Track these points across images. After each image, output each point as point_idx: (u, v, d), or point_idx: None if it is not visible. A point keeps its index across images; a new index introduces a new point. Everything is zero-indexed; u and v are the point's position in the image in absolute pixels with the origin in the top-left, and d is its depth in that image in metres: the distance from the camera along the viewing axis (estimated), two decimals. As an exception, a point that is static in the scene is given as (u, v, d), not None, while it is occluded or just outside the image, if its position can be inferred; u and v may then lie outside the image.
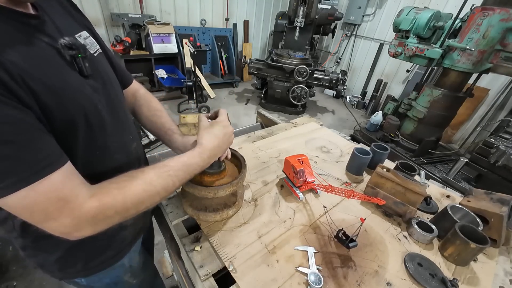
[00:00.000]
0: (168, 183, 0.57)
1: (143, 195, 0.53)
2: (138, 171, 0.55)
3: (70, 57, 0.53)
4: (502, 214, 0.82)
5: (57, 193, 0.44)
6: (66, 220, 0.45)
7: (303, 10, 3.86)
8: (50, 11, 0.56)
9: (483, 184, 2.28)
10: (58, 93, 0.48)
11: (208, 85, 4.56)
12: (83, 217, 0.47)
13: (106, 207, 0.48)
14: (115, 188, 0.51)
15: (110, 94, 0.64)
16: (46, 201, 0.43)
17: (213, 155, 0.68)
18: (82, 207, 0.46)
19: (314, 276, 0.68)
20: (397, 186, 0.91)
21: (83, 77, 0.56)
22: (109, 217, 0.50)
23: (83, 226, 0.47)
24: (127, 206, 0.51)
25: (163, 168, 0.57)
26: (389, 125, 2.92)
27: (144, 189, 0.53)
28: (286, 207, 0.92)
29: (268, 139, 1.36)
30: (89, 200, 0.47)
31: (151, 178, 0.55)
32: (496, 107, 3.59)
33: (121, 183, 0.52)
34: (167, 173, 0.57)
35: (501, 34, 2.04)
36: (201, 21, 4.94)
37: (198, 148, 0.65)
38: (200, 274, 0.67)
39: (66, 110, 0.49)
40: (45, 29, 0.51)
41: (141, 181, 0.53)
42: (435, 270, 0.74)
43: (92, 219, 0.48)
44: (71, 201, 0.45)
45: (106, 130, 0.61)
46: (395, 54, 2.60)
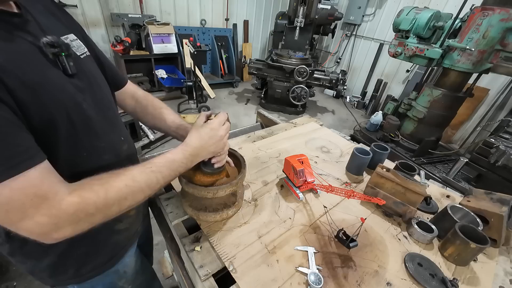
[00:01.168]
0: (152, 179, 0.56)
1: (126, 191, 0.52)
2: (121, 169, 0.54)
3: (52, 55, 0.52)
4: (502, 214, 0.82)
5: (34, 190, 0.42)
6: (44, 219, 0.43)
7: (303, 10, 3.86)
8: (34, 11, 0.55)
9: (483, 184, 2.28)
10: (35, 89, 0.46)
11: (208, 85, 4.55)
12: (62, 214, 0.44)
13: (87, 203, 0.46)
14: (97, 184, 0.49)
15: (96, 94, 0.63)
16: (21, 198, 0.41)
17: (196, 154, 0.66)
18: (61, 203, 0.44)
19: (314, 276, 0.68)
20: (397, 186, 0.91)
21: (66, 76, 0.54)
22: (91, 214, 0.47)
23: (62, 225, 0.45)
24: (109, 203, 0.49)
25: (147, 165, 0.57)
26: (389, 125, 2.92)
27: (126, 184, 0.52)
28: (286, 207, 0.92)
29: (268, 139, 1.36)
30: (68, 196, 0.45)
31: (134, 174, 0.54)
32: (496, 107, 3.59)
33: (103, 179, 0.51)
34: (150, 169, 0.56)
35: (501, 34, 2.04)
36: (201, 21, 4.94)
37: (182, 144, 0.65)
38: (200, 274, 0.67)
39: (45, 107, 0.48)
40: (28, 28, 0.51)
41: (123, 177, 0.52)
42: (435, 270, 0.74)
43: (72, 217, 0.45)
44: (50, 198, 0.43)
45: (92, 130, 0.60)
46: (395, 54, 2.60)
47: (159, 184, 0.58)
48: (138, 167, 0.56)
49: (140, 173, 0.55)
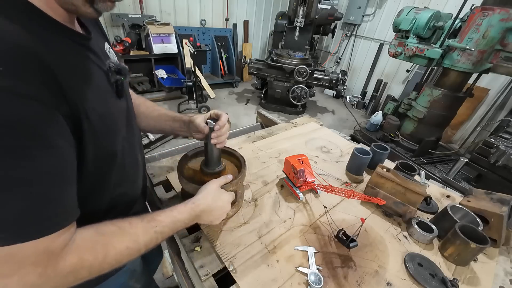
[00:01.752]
0: (152, 240, 0.53)
1: (125, 253, 0.48)
2: (126, 222, 0.50)
3: (114, 80, 0.53)
4: (502, 214, 0.82)
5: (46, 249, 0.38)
6: (33, 278, 0.37)
7: (303, 10, 3.86)
8: (90, 27, 0.55)
9: (483, 184, 2.28)
10: (105, 122, 0.48)
11: (208, 85, 4.55)
12: (53, 276, 0.39)
13: (82, 266, 0.42)
14: (100, 243, 0.45)
15: (129, 108, 0.64)
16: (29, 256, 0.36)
17: (200, 216, 0.65)
18: (59, 263, 0.39)
19: (314, 276, 0.68)
20: (397, 186, 0.91)
21: (118, 98, 0.56)
22: (79, 279, 0.43)
23: (45, 286, 0.39)
24: (103, 267, 0.45)
25: (151, 223, 0.54)
26: (389, 125, 2.92)
27: (127, 246, 0.48)
28: (286, 207, 0.92)
29: (268, 139, 1.36)
30: (69, 255, 0.40)
31: (138, 234, 0.51)
32: (496, 107, 3.58)
33: (107, 235, 0.47)
34: (154, 229, 0.53)
35: (501, 34, 2.04)
36: (201, 21, 4.94)
37: (190, 202, 0.64)
38: (200, 274, 0.67)
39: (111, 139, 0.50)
40: (94, 49, 0.50)
41: (127, 237, 0.49)
42: (435, 270, 0.74)
43: (60, 280, 0.40)
44: (55, 255, 0.39)
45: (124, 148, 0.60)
46: (395, 54, 2.60)
47: (157, 244, 0.55)
48: (142, 224, 0.52)
49: (144, 233, 0.52)
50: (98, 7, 0.42)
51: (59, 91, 0.37)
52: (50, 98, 0.35)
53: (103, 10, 0.44)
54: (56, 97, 0.37)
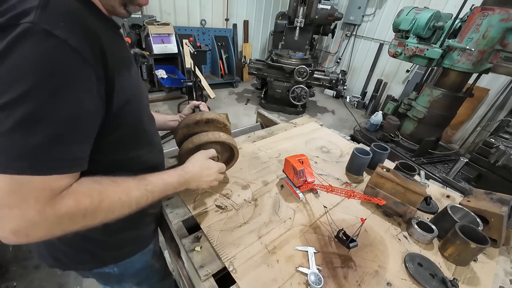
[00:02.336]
0: (143, 197, 0.56)
1: (117, 203, 0.51)
2: (119, 178, 0.54)
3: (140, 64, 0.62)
4: (502, 214, 0.82)
5: (51, 187, 0.42)
6: (32, 214, 0.40)
7: (303, 10, 3.86)
8: None
9: (483, 184, 2.28)
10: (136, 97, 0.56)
11: (208, 85, 4.55)
12: (50, 214, 0.42)
13: (78, 209, 0.45)
14: (97, 190, 0.48)
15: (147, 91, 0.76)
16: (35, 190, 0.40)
17: (188, 182, 0.69)
18: (57, 202, 0.43)
19: (314, 276, 0.68)
20: (397, 186, 0.91)
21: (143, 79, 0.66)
22: (73, 222, 0.46)
23: (42, 225, 0.42)
24: (97, 213, 0.48)
25: (143, 181, 0.57)
26: (389, 125, 2.92)
27: (120, 198, 0.52)
28: (286, 207, 0.92)
29: (268, 139, 1.36)
30: (66, 197, 0.44)
31: (130, 188, 0.54)
32: (496, 107, 3.59)
33: (103, 185, 0.50)
34: (145, 187, 0.57)
35: (500, 34, 2.04)
36: (201, 21, 4.94)
37: (180, 169, 0.69)
38: (200, 274, 0.67)
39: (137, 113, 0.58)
40: (123, 38, 0.60)
41: (120, 189, 0.52)
42: (435, 270, 0.74)
43: (56, 220, 0.43)
44: (56, 193, 0.43)
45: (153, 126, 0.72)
46: (395, 54, 2.60)
47: (147, 203, 0.58)
48: (134, 181, 0.56)
49: (136, 188, 0.55)
50: (129, 9, 0.54)
51: (101, 56, 0.45)
52: (91, 57, 0.43)
53: (132, 11, 0.55)
54: (96, 59, 0.44)
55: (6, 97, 0.37)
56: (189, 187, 0.71)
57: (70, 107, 0.41)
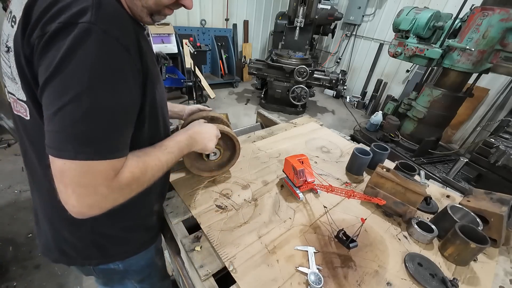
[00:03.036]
0: (169, 159, 0.65)
1: (155, 168, 0.60)
2: (146, 149, 0.61)
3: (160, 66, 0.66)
4: (502, 214, 0.82)
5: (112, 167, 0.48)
6: (102, 189, 0.47)
7: (303, 10, 3.86)
8: None
9: (483, 184, 2.28)
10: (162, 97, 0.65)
11: (208, 85, 4.56)
12: (116, 188, 0.50)
13: (134, 178, 0.53)
14: (141, 162, 0.56)
15: None
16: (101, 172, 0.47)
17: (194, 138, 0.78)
18: (119, 178, 0.50)
19: (314, 276, 0.68)
20: (397, 186, 0.91)
21: (162, 81, 0.70)
22: (132, 189, 0.54)
23: (110, 197, 0.50)
24: (146, 179, 0.57)
25: (162, 147, 0.66)
26: (389, 125, 2.92)
27: (156, 164, 0.60)
28: (286, 207, 0.92)
29: (268, 139, 1.36)
30: (124, 172, 0.51)
31: (158, 155, 0.62)
32: (496, 107, 3.59)
33: (142, 157, 0.58)
34: (167, 151, 0.66)
35: (500, 34, 2.04)
36: (201, 21, 4.94)
37: (184, 129, 0.78)
38: (200, 274, 0.67)
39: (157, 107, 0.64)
40: (149, 41, 0.64)
41: (153, 157, 0.61)
42: (435, 270, 0.74)
43: (120, 191, 0.51)
44: (116, 172, 0.49)
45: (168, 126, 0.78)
46: (395, 54, 2.60)
47: (172, 162, 0.67)
48: (157, 149, 0.64)
49: (161, 154, 0.63)
50: (155, 18, 0.58)
51: (140, 52, 0.50)
52: (135, 54, 0.49)
53: (157, 20, 0.59)
54: (138, 55, 0.50)
55: (74, 90, 0.42)
56: (196, 144, 0.78)
57: (125, 98, 0.48)
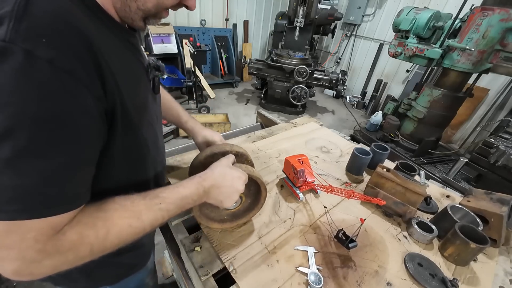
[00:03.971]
0: (157, 218, 0.50)
1: (128, 231, 0.46)
2: (127, 199, 0.48)
3: (152, 77, 0.57)
4: (502, 214, 0.82)
5: (48, 226, 0.37)
6: (31, 254, 0.36)
7: (303, 10, 3.86)
8: None
9: (483, 184, 2.28)
10: (141, 115, 0.51)
11: (208, 85, 4.55)
12: (54, 251, 0.38)
13: (82, 243, 0.40)
14: (101, 219, 0.43)
15: (160, 104, 0.70)
16: (33, 232, 0.36)
17: (208, 191, 0.59)
18: (59, 239, 0.38)
19: (314, 276, 0.68)
20: (397, 186, 0.91)
21: (154, 94, 0.60)
22: (79, 257, 0.41)
23: (43, 263, 0.38)
24: (106, 246, 0.43)
25: (155, 200, 0.50)
26: (389, 125, 2.92)
27: (130, 224, 0.46)
28: (286, 207, 0.92)
29: (268, 139, 1.36)
30: (68, 232, 0.39)
31: (141, 211, 0.48)
32: (496, 107, 3.59)
33: (108, 211, 0.45)
34: (158, 206, 0.50)
35: (500, 34, 2.04)
36: (201, 21, 4.94)
37: (198, 177, 0.59)
38: (200, 274, 0.67)
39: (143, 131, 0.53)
40: (137, 47, 0.54)
41: (129, 213, 0.46)
42: (435, 270, 0.74)
43: (60, 256, 0.39)
44: (54, 233, 0.38)
45: (157, 144, 0.65)
46: (395, 54, 2.60)
47: (162, 222, 0.52)
48: (145, 201, 0.49)
49: (147, 210, 0.49)
50: (148, 22, 0.49)
51: (97, 73, 0.38)
52: (85, 77, 0.36)
53: (151, 24, 0.51)
54: (91, 78, 0.37)
55: None
56: (208, 199, 0.61)
57: (65, 138, 0.36)
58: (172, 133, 3.36)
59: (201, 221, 0.76)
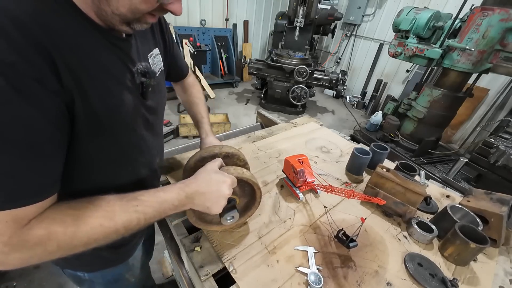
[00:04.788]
0: (132, 220, 0.48)
1: (98, 231, 0.45)
2: (102, 200, 0.47)
3: (139, 82, 0.56)
4: (502, 214, 0.82)
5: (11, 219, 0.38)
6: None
7: (303, 10, 3.86)
8: (140, 33, 0.58)
9: (483, 184, 2.28)
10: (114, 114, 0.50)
11: (208, 85, 4.55)
12: (19, 245, 0.39)
13: (50, 239, 0.41)
14: (70, 216, 0.43)
15: (159, 113, 0.70)
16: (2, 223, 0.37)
17: (192, 198, 0.57)
18: (25, 233, 0.39)
19: (314, 276, 0.68)
20: (397, 186, 0.91)
21: (143, 99, 0.59)
22: (48, 252, 0.41)
23: (13, 256, 0.39)
24: (74, 243, 0.43)
25: (132, 202, 0.49)
26: (389, 125, 2.92)
27: (101, 224, 0.45)
28: (286, 207, 0.92)
29: (268, 139, 1.36)
30: (37, 225, 0.40)
31: (114, 211, 0.47)
32: (496, 107, 3.59)
33: (79, 209, 0.45)
34: (134, 208, 0.49)
35: (500, 34, 2.04)
36: (201, 21, 4.94)
37: (181, 183, 0.58)
38: (200, 274, 0.67)
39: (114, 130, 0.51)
40: (130, 52, 0.54)
41: (101, 213, 0.46)
42: (435, 270, 0.74)
43: (28, 250, 0.40)
44: (20, 224, 0.39)
45: (141, 148, 0.63)
46: (395, 54, 2.60)
47: (139, 226, 0.50)
48: (121, 202, 0.49)
49: (121, 211, 0.48)
50: (134, 26, 0.47)
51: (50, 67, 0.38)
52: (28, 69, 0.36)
53: (138, 28, 0.48)
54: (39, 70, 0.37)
55: None
56: (194, 206, 0.59)
57: (16, 130, 0.36)
58: (172, 133, 3.36)
59: (199, 226, 0.75)
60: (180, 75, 0.95)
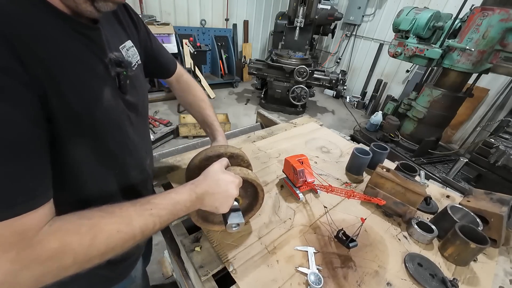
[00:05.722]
0: (148, 224, 0.47)
1: (116, 238, 0.42)
2: (115, 206, 0.45)
3: (115, 73, 0.53)
4: (502, 214, 0.82)
5: (14, 232, 0.35)
6: (4, 265, 0.33)
7: (303, 10, 3.86)
8: (105, 21, 0.55)
9: (483, 184, 2.28)
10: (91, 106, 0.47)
11: (208, 85, 4.56)
12: (28, 261, 0.35)
13: (65, 252, 0.37)
14: (86, 226, 0.40)
15: (140, 109, 0.65)
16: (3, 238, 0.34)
17: (202, 198, 0.58)
18: (36, 247, 0.35)
19: (314, 276, 0.68)
20: (397, 186, 0.91)
21: (121, 93, 0.56)
22: (62, 266, 0.38)
23: (23, 274, 0.34)
24: (92, 254, 0.40)
25: (145, 205, 0.48)
26: (389, 125, 2.92)
27: (119, 230, 0.43)
28: (286, 208, 0.92)
29: (268, 139, 1.36)
30: (48, 239, 0.37)
31: (130, 216, 0.45)
32: (496, 107, 3.59)
33: (94, 218, 0.42)
34: (149, 212, 0.48)
35: (500, 34, 2.04)
36: (201, 21, 4.94)
37: (191, 183, 0.58)
38: (200, 274, 0.67)
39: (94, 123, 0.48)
40: (99, 42, 0.50)
41: (117, 219, 0.43)
42: (435, 270, 0.74)
43: (39, 266, 0.36)
44: (28, 237, 0.35)
45: (128, 148, 0.60)
46: (395, 54, 2.60)
47: (154, 230, 0.49)
48: (134, 207, 0.47)
49: (137, 215, 0.46)
50: (98, 6, 0.43)
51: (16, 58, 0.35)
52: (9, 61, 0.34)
53: (103, 9, 0.44)
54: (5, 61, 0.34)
55: None
56: (202, 207, 0.60)
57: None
58: (172, 133, 3.36)
59: (201, 225, 0.76)
60: (166, 71, 0.87)
